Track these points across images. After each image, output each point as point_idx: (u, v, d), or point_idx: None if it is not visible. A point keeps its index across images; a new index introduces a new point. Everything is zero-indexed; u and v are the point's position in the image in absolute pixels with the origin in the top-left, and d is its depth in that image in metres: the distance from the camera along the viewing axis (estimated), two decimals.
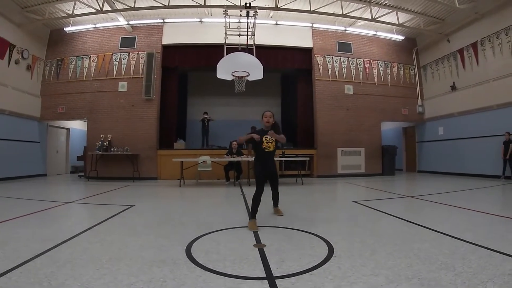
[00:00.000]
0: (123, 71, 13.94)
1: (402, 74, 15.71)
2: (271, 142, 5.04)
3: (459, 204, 6.39)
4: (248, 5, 11.46)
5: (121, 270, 2.89)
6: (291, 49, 14.79)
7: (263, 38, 13.62)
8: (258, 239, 3.96)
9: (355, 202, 7.05)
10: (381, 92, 15.16)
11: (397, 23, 13.82)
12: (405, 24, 14.11)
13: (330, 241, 3.80)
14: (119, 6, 12.53)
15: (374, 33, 14.88)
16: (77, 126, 17.05)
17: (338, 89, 14.71)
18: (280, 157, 12.22)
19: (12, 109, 12.49)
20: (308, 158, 12.60)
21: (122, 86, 13.84)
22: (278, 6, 12.76)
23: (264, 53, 13.36)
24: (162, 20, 14.05)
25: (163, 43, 14.20)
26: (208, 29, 14.01)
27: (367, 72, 15.08)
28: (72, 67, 14.12)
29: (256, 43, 12.74)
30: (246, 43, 12.37)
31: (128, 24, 13.80)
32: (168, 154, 13.26)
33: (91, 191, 9.57)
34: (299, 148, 14.53)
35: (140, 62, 13.93)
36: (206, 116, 15.39)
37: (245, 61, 10.87)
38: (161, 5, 12.46)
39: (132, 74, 13.89)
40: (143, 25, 14.18)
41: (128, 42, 14.15)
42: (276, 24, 14.39)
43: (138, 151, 13.27)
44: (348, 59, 14.96)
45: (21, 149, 13.00)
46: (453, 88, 14.10)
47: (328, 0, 12.86)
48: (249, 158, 11.00)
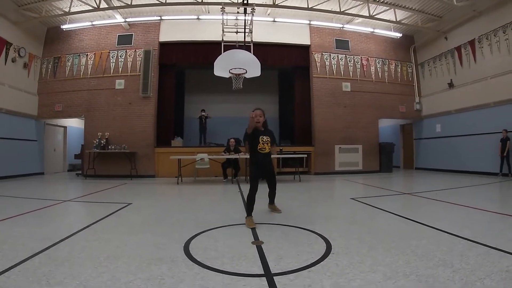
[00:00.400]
0: (120, 69, 13.90)
1: (399, 71, 15.72)
2: (267, 144, 4.95)
3: (457, 201, 6.41)
4: (245, 2, 11.43)
5: (119, 268, 2.89)
6: (288, 46, 14.77)
7: (260, 35, 13.58)
8: (256, 236, 3.96)
9: (352, 199, 7.07)
10: (379, 89, 15.17)
11: (394, 20, 13.81)
12: (402, 22, 14.10)
13: (328, 238, 3.81)
14: (116, 3, 12.48)
15: (372, 30, 14.88)
16: (75, 124, 16.99)
17: (336, 86, 14.71)
18: (277, 154, 12.21)
19: (9, 107, 12.43)
20: (306, 155, 12.58)
21: (119, 84, 13.81)
22: (276, 3, 12.73)
23: (262, 50, 13.33)
24: (159, 17, 13.98)
25: (160, 40, 14.16)
26: (205, 26, 13.95)
27: (365, 70, 15.08)
28: (69, 65, 14.06)
29: (253, 40, 12.70)
30: (243, 40, 12.33)
31: (125, 21, 13.74)
32: (166, 151, 13.25)
33: (88, 189, 9.54)
34: (296, 145, 14.54)
35: (137, 59, 13.89)
36: (204, 114, 15.38)
37: (243, 58, 10.84)
38: (158, 2, 12.42)
39: (129, 71, 13.85)
40: (140, 22, 14.12)
41: (125, 40, 14.09)
42: (274, 21, 14.37)
43: (135, 149, 13.25)
44: (346, 56, 14.96)
45: (18, 148, 12.95)
46: (451, 85, 14.12)
47: None
48: (246, 156, 10.98)
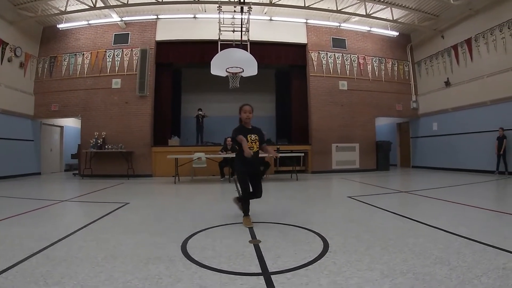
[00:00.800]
0: (116, 68, 13.86)
1: (396, 70, 15.76)
2: (255, 142, 4.68)
3: (453, 199, 6.43)
4: (242, 0, 11.40)
5: (117, 268, 2.88)
6: (285, 45, 14.77)
7: (257, 34, 13.55)
8: (253, 235, 3.96)
9: (350, 197, 7.07)
10: (376, 88, 15.20)
11: (391, 19, 13.84)
12: (399, 20, 14.14)
13: (325, 236, 3.81)
14: (112, 2, 12.44)
15: (369, 29, 14.91)
16: (71, 123, 16.92)
17: (333, 85, 14.73)
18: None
19: (4, 107, 12.37)
20: (303, 154, 12.61)
21: (116, 83, 13.77)
22: (272, 2, 12.75)
23: (259, 49, 13.33)
24: (155, 16, 13.96)
25: (156, 39, 14.13)
26: (202, 25, 13.94)
27: (362, 68, 15.10)
28: (65, 64, 14.01)
29: (250, 39, 12.67)
30: (240, 39, 12.34)
31: (122, 20, 13.70)
32: (163, 151, 13.23)
33: (85, 189, 9.52)
34: (293, 144, 14.56)
35: (134, 58, 13.85)
36: (201, 113, 15.36)
37: (239, 57, 10.86)
38: (154, 1, 12.41)
39: (125, 70, 13.82)
40: (136, 21, 14.08)
41: (121, 39, 14.06)
42: (271, 20, 14.37)
43: (132, 148, 13.22)
44: (343, 55, 14.98)
45: (15, 148, 12.89)
46: (447, 84, 14.16)
47: None
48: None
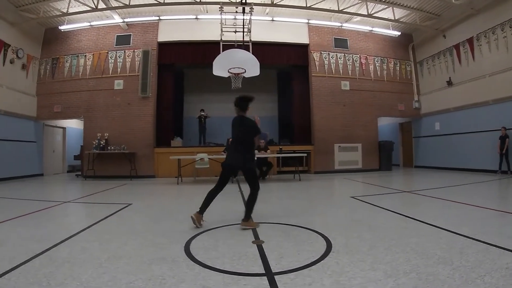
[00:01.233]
0: (118, 69, 13.88)
1: (398, 69, 15.72)
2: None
3: (456, 198, 6.42)
4: (244, 1, 11.41)
5: (120, 269, 2.89)
6: (287, 45, 14.77)
7: (259, 35, 13.52)
8: (256, 236, 3.97)
9: (352, 197, 7.07)
10: (378, 88, 15.17)
11: (393, 18, 13.80)
12: (401, 20, 14.09)
13: (328, 236, 3.82)
14: (114, 3, 12.44)
15: (370, 29, 14.88)
16: (74, 125, 16.95)
17: (335, 85, 14.71)
18: (277, 153, 12.23)
19: (7, 108, 12.40)
20: (305, 154, 12.57)
21: (118, 84, 13.79)
22: (274, 3, 12.73)
23: (261, 49, 13.32)
24: (157, 17, 13.96)
25: (158, 40, 14.14)
26: (204, 26, 13.94)
27: (364, 68, 15.07)
28: (68, 65, 14.04)
29: (252, 40, 12.67)
30: (242, 39, 12.34)
31: (124, 21, 13.71)
32: (166, 152, 13.24)
33: (88, 190, 9.55)
34: (296, 144, 14.54)
35: (136, 59, 13.87)
36: (203, 113, 15.34)
37: (241, 58, 10.87)
38: (156, 2, 12.40)
39: (128, 72, 13.83)
40: (138, 22, 14.10)
41: (123, 40, 14.07)
42: (272, 20, 14.36)
43: (135, 149, 13.24)
44: (345, 55, 14.95)
45: (17, 149, 12.92)
46: (449, 83, 14.12)
47: None
48: None
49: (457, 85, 13.81)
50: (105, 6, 12.35)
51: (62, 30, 13.75)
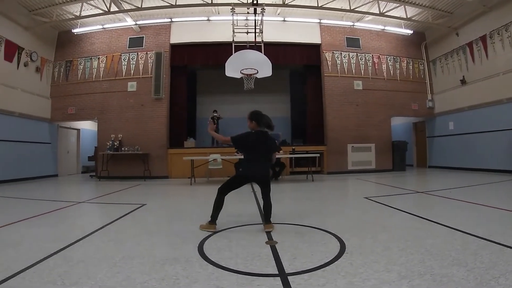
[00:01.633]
0: (132, 71, 14.02)
1: (411, 68, 15.56)
2: None
3: (471, 199, 6.32)
4: (255, 2, 11.43)
5: (134, 269, 2.92)
6: (299, 46, 14.73)
7: (271, 35, 13.49)
8: (269, 236, 3.97)
9: (366, 198, 7.02)
10: (391, 87, 15.03)
11: (405, 17, 13.67)
12: (413, 18, 13.95)
13: (341, 237, 3.80)
14: (126, 6, 12.57)
15: (383, 27, 14.75)
16: (88, 126, 17.17)
17: (347, 84, 14.62)
18: (290, 154, 12.21)
19: (22, 111, 12.61)
20: (318, 155, 12.52)
21: (132, 86, 13.94)
22: (286, 3, 12.72)
23: (273, 50, 13.33)
24: (169, 20, 14.07)
25: (171, 42, 14.24)
26: (216, 27, 14.01)
27: (376, 67, 14.96)
28: (81, 68, 14.23)
29: (264, 40, 12.63)
30: (254, 40, 12.35)
31: (136, 24, 13.85)
32: (179, 152, 13.32)
33: (102, 190, 9.66)
34: (308, 145, 14.49)
35: (149, 61, 14.00)
36: (216, 114, 15.37)
37: (254, 59, 10.86)
38: (168, 4, 12.48)
39: (141, 74, 13.97)
40: (150, 24, 14.22)
41: (136, 42, 14.22)
42: (284, 20, 14.36)
43: (148, 150, 13.36)
44: (357, 54, 14.86)
45: (32, 150, 13.14)
46: (463, 82, 13.91)
47: None
48: None
49: (471, 84, 13.60)
50: (117, 9, 12.47)
51: (75, 33, 13.93)
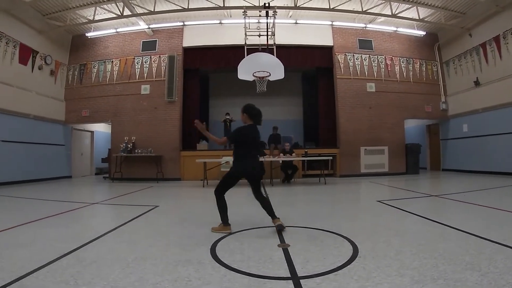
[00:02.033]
0: (145, 74, 14.17)
1: (424, 70, 15.38)
2: None
3: (485, 203, 6.23)
4: (267, 5, 11.45)
5: (147, 270, 2.94)
6: (311, 48, 14.70)
7: (283, 38, 13.53)
8: (282, 239, 3.96)
9: (379, 201, 6.97)
10: (404, 89, 14.88)
11: (417, 18, 13.54)
12: (425, 19, 13.81)
13: (354, 241, 3.77)
14: (139, 10, 12.72)
15: (395, 29, 14.64)
16: (101, 129, 17.41)
17: (360, 87, 14.53)
18: (302, 156, 12.19)
19: (36, 113, 12.83)
20: (331, 158, 12.45)
21: (145, 89, 14.08)
22: (297, 5, 12.69)
23: (285, 52, 13.33)
24: (182, 23, 14.17)
25: (184, 45, 14.35)
26: (228, 31, 14.09)
27: (389, 69, 14.84)
28: (95, 71, 14.43)
29: (276, 43, 12.67)
30: (266, 43, 12.34)
31: (149, 27, 14.00)
32: (191, 155, 13.40)
33: (116, 192, 9.76)
34: (321, 147, 14.42)
35: (162, 65, 14.12)
36: (228, 117, 15.39)
37: (266, 61, 10.87)
38: (180, 8, 12.59)
39: (154, 77, 14.10)
40: (163, 28, 14.36)
41: (149, 46, 14.37)
42: (296, 23, 14.35)
43: (161, 153, 13.47)
44: (369, 56, 14.76)
45: (47, 152, 13.36)
46: (477, 83, 13.71)
47: None
48: (271, 158, 11.07)
49: (485, 85, 13.38)
50: (130, 13, 12.63)
51: (89, 37, 14.17)
